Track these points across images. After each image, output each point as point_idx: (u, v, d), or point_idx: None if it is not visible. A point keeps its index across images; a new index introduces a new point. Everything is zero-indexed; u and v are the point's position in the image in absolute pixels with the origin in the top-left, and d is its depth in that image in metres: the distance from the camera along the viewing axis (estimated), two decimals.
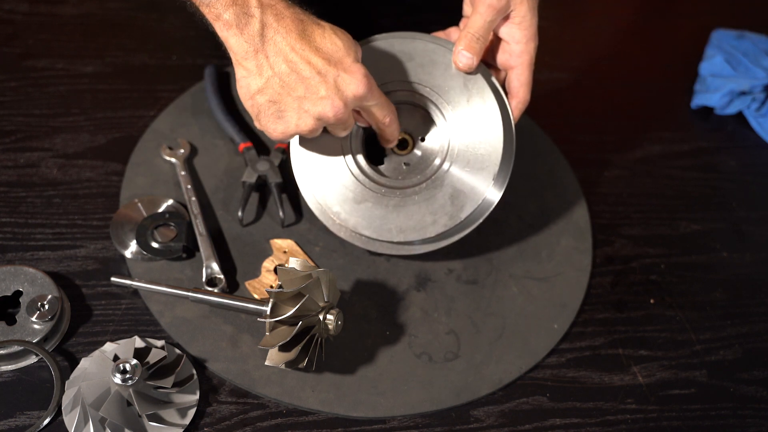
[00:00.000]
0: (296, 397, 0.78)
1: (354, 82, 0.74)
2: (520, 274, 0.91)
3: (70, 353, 0.78)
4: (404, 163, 0.87)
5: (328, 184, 0.85)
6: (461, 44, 0.83)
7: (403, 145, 0.87)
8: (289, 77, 0.73)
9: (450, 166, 0.84)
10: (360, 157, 0.85)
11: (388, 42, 0.86)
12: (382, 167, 0.87)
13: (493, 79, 0.86)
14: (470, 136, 0.84)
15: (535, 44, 0.85)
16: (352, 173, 0.85)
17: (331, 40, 0.74)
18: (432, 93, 0.85)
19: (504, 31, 0.85)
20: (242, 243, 0.89)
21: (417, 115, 0.86)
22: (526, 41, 0.84)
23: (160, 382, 0.74)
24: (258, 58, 0.73)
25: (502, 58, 0.86)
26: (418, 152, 0.87)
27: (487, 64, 0.87)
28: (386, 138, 0.84)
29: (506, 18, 0.83)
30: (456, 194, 0.83)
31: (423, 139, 0.87)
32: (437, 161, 0.85)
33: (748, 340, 0.91)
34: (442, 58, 0.85)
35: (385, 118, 0.81)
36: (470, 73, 0.84)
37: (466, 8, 0.87)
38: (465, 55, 0.83)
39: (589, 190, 1.02)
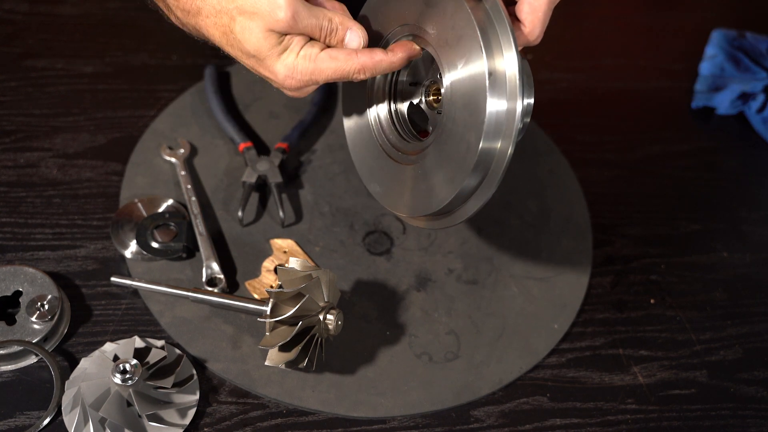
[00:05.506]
0: (296, 397, 0.78)
1: (279, 84, 0.71)
2: (520, 274, 0.91)
3: (70, 353, 0.78)
4: (438, 112, 0.76)
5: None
6: None
7: (437, 96, 0.77)
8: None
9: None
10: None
11: None
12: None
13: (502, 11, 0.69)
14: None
15: None
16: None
17: (248, 37, 0.69)
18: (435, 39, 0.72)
19: None
20: (242, 243, 0.89)
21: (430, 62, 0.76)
22: None
23: (160, 382, 0.74)
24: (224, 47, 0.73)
25: None
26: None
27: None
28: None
29: None
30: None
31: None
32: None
33: (749, 340, 0.91)
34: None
35: (350, 75, 0.71)
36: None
37: None
38: None
39: (589, 190, 1.01)
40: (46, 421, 0.73)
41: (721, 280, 0.96)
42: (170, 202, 0.90)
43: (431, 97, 0.78)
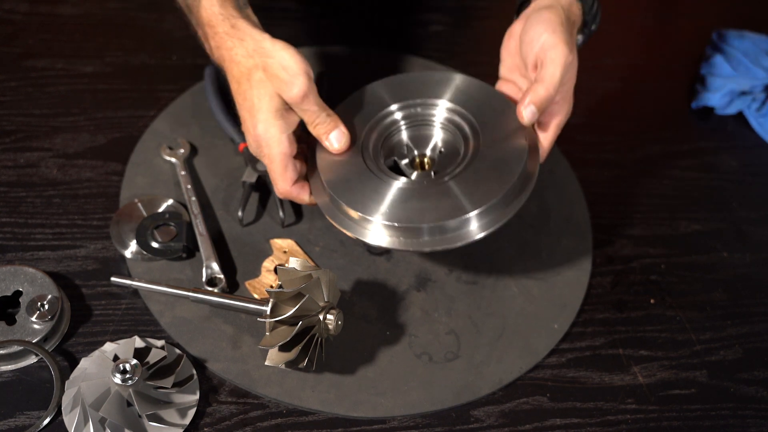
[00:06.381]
0: (296, 397, 0.78)
1: (246, 131, 0.82)
2: (520, 274, 0.91)
3: (70, 353, 0.78)
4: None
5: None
6: (531, 98, 0.80)
7: (422, 167, 0.87)
8: None
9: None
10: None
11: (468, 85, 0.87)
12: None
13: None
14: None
15: (569, 106, 0.84)
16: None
17: (256, 93, 0.78)
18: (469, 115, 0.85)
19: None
20: (242, 243, 0.89)
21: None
22: (565, 100, 0.83)
23: (160, 382, 0.74)
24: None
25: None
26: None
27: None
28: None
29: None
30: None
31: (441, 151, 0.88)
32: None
33: (749, 340, 0.91)
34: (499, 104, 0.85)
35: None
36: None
37: (507, 58, 0.87)
38: (532, 111, 0.80)
39: (589, 190, 1.02)
40: (46, 421, 0.73)
41: (721, 280, 0.96)
42: (170, 202, 0.90)
43: (417, 161, 0.87)
